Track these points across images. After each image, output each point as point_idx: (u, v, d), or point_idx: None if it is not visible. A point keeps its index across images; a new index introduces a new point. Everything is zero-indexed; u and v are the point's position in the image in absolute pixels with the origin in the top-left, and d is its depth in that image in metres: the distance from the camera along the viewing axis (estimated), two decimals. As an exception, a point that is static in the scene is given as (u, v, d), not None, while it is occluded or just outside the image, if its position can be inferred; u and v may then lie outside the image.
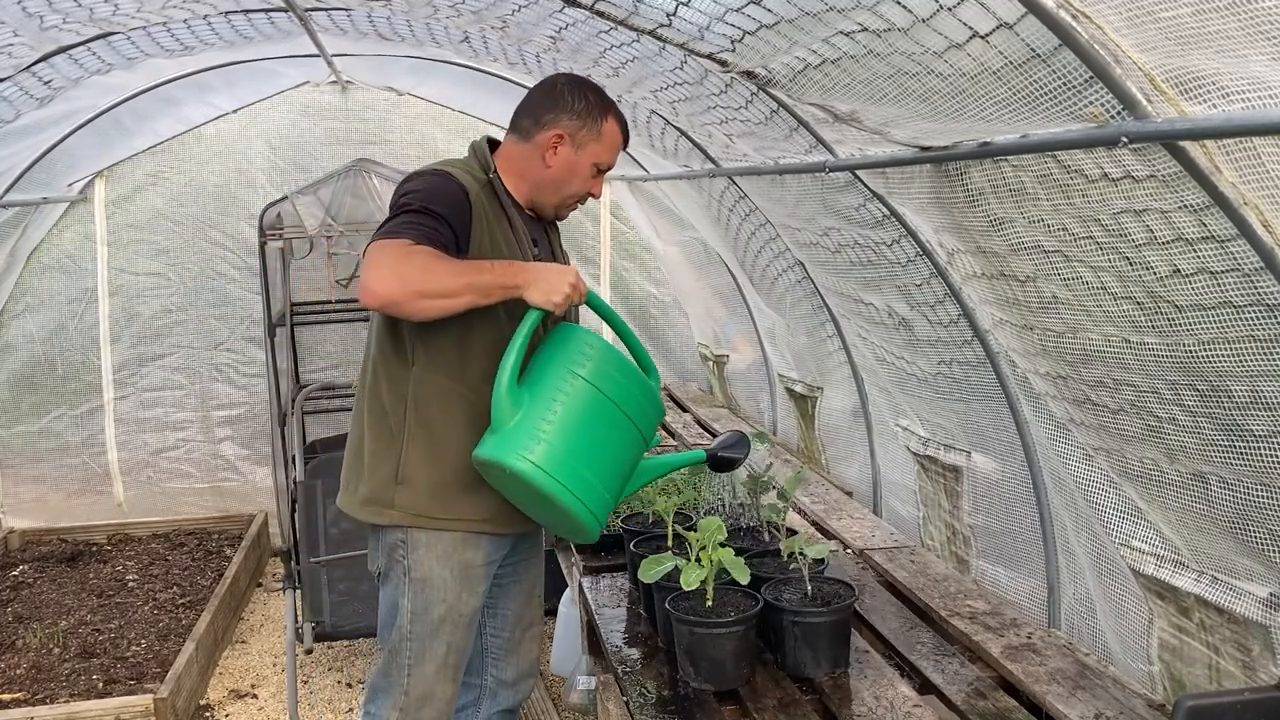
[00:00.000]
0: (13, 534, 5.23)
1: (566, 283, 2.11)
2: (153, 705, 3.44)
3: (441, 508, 2.23)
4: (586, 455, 2.08)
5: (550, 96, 2.28)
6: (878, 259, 2.92)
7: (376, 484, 2.25)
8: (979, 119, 1.82)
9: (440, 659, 2.30)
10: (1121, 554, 2.29)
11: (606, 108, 2.30)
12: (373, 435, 2.28)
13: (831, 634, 2.26)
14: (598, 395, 2.10)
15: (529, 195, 2.34)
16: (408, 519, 2.23)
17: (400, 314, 2.05)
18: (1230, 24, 1.24)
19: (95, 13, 2.72)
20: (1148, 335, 1.80)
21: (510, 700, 2.58)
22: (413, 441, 2.22)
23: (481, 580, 2.32)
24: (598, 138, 2.28)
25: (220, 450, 5.50)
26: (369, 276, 1.97)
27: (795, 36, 1.98)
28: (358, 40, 3.79)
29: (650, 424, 2.21)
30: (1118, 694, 2.15)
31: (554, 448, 2.04)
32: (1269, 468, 1.71)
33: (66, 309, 5.20)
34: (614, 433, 2.14)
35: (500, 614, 2.52)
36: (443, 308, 2.02)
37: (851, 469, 4.02)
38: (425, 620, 2.27)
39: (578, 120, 2.26)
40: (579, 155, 2.28)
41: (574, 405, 2.09)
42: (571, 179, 2.32)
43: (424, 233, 2.03)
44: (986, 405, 2.77)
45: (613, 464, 2.15)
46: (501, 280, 2.07)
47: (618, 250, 5.79)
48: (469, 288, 2.03)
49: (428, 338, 2.20)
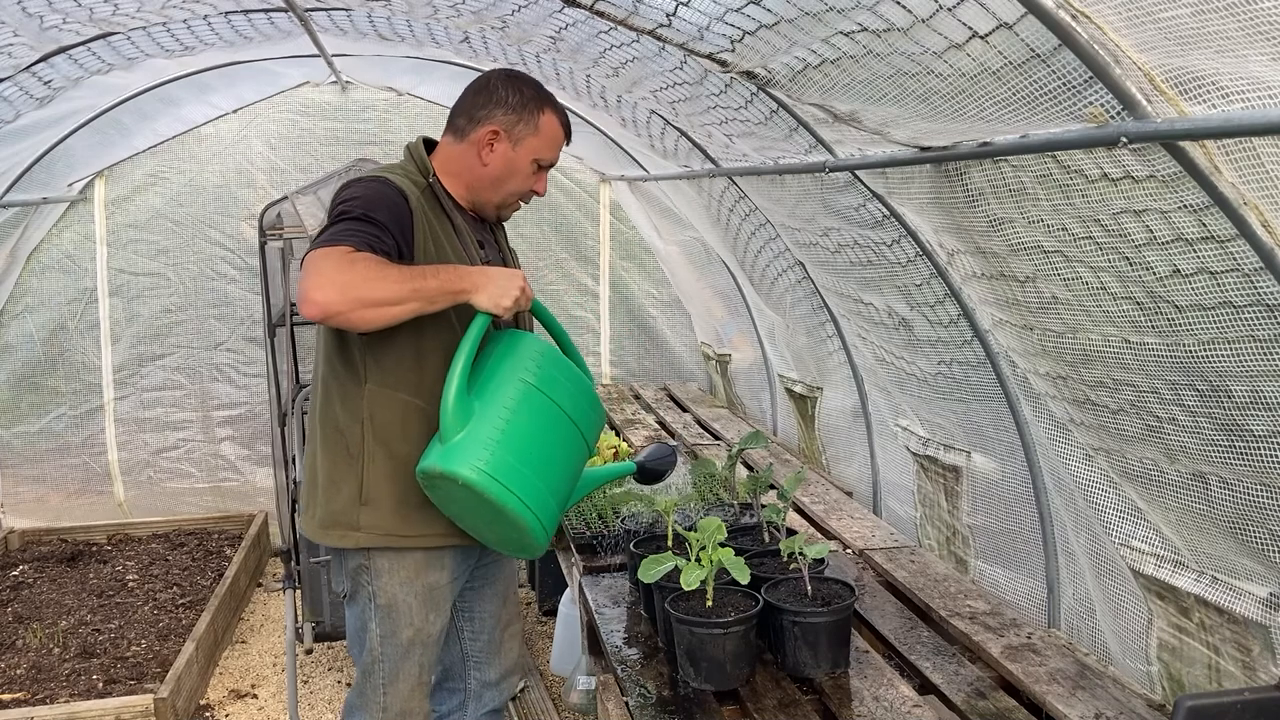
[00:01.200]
0: (13, 534, 5.23)
1: (515, 286, 2.03)
2: (153, 705, 3.44)
3: (407, 525, 2.17)
4: (536, 463, 2.02)
5: (484, 93, 2.20)
6: (878, 259, 2.92)
7: (338, 506, 2.18)
8: (979, 119, 1.82)
9: (414, 678, 2.29)
10: (1121, 554, 2.29)
11: (543, 101, 2.22)
12: (329, 456, 2.20)
13: (831, 634, 2.26)
14: (546, 402, 2.06)
15: (469, 196, 2.26)
16: (374, 539, 2.17)
17: (343, 324, 1.95)
18: (1230, 24, 1.24)
19: (95, 13, 2.72)
20: (1148, 335, 1.80)
21: (496, 700, 2.56)
22: (373, 461, 2.15)
23: (448, 599, 2.29)
24: (535, 132, 2.19)
25: (220, 450, 5.50)
26: (308, 285, 1.87)
27: (795, 36, 1.98)
28: (358, 40, 3.79)
29: (594, 430, 2.16)
30: (1118, 694, 2.15)
31: (504, 456, 1.98)
32: (1269, 468, 1.71)
33: (66, 309, 5.20)
34: (562, 440, 2.09)
35: (477, 617, 2.49)
36: (387, 316, 1.93)
37: (851, 469, 4.02)
38: (394, 643, 2.24)
39: (513, 115, 2.18)
40: (516, 151, 2.20)
41: (523, 413, 2.03)
42: (510, 176, 2.23)
43: (365, 240, 1.95)
44: (986, 405, 2.77)
45: (561, 472, 2.10)
46: (448, 286, 1.99)
47: (618, 250, 5.79)
48: (414, 294, 1.94)
49: (379, 351, 2.12)
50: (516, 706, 3.67)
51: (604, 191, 5.72)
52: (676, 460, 2.36)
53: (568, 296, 5.77)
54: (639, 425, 4.74)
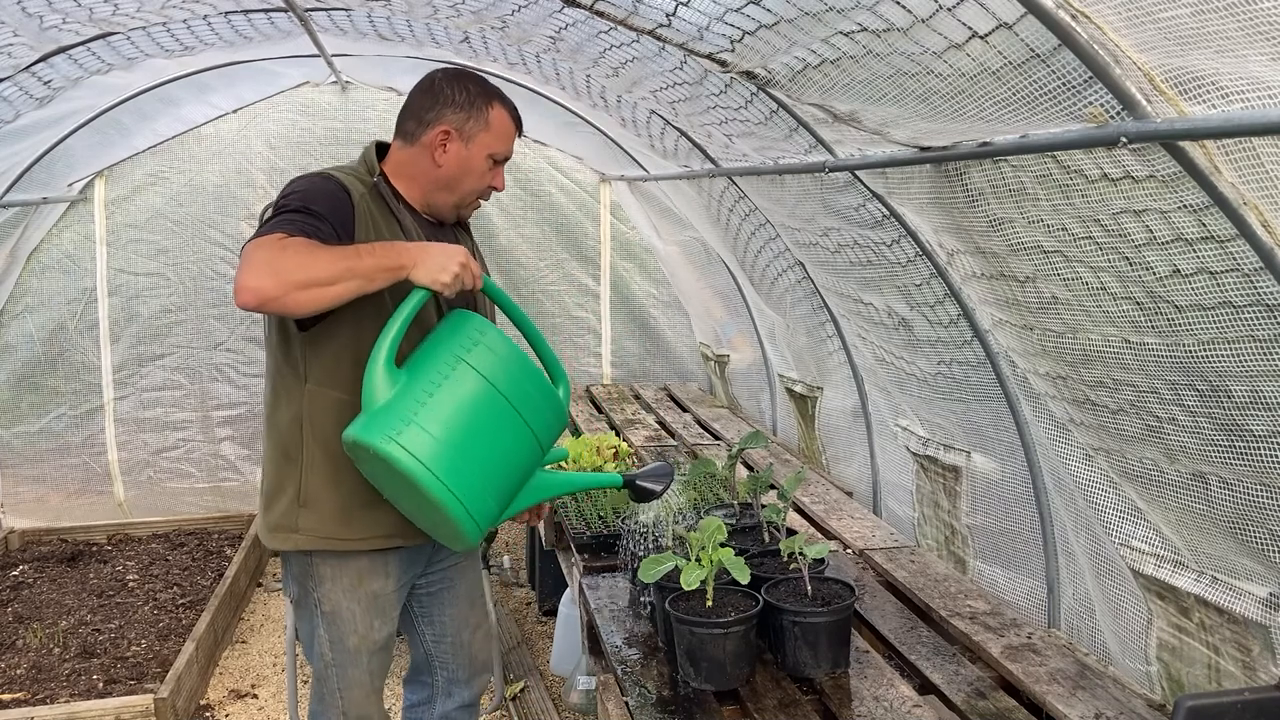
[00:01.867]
0: (13, 534, 5.23)
1: (455, 261, 1.96)
2: (153, 705, 3.44)
3: (344, 528, 2.13)
4: (462, 445, 1.89)
5: (429, 94, 2.17)
6: (877, 259, 2.92)
7: (281, 509, 2.15)
8: (978, 119, 1.82)
9: (365, 684, 2.28)
10: (1121, 554, 2.29)
11: (491, 95, 2.19)
12: (272, 456, 2.18)
13: (831, 634, 2.26)
14: (483, 384, 1.93)
15: (424, 198, 2.22)
16: (313, 542, 2.14)
17: (280, 310, 1.89)
18: (1229, 24, 1.24)
19: (95, 13, 2.72)
20: (1147, 335, 1.80)
21: (466, 696, 2.54)
22: (312, 462, 2.12)
23: (394, 605, 2.27)
24: (486, 127, 2.16)
25: (220, 450, 5.50)
26: (240, 275, 1.83)
27: (795, 36, 1.98)
28: (358, 40, 3.79)
29: (548, 429, 2.03)
30: (1118, 694, 2.15)
31: (425, 432, 1.86)
32: (1269, 468, 1.71)
33: (66, 309, 5.20)
34: (500, 428, 1.94)
35: (438, 622, 2.46)
36: (323, 298, 1.87)
37: (851, 469, 4.02)
38: (342, 649, 2.23)
39: (462, 113, 2.15)
40: (470, 149, 2.16)
41: (454, 391, 1.91)
42: (466, 175, 2.19)
43: (298, 227, 1.91)
44: (986, 405, 2.77)
45: (496, 462, 1.95)
46: (384, 262, 1.91)
47: (618, 250, 5.80)
48: (349, 272, 1.87)
49: (319, 350, 2.09)
50: (516, 706, 3.67)
51: (604, 191, 5.72)
52: (671, 480, 2.24)
53: (568, 297, 5.77)
54: (639, 425, 4.74)
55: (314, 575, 2.18)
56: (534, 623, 4.47)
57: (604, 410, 5.10)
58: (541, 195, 5.66)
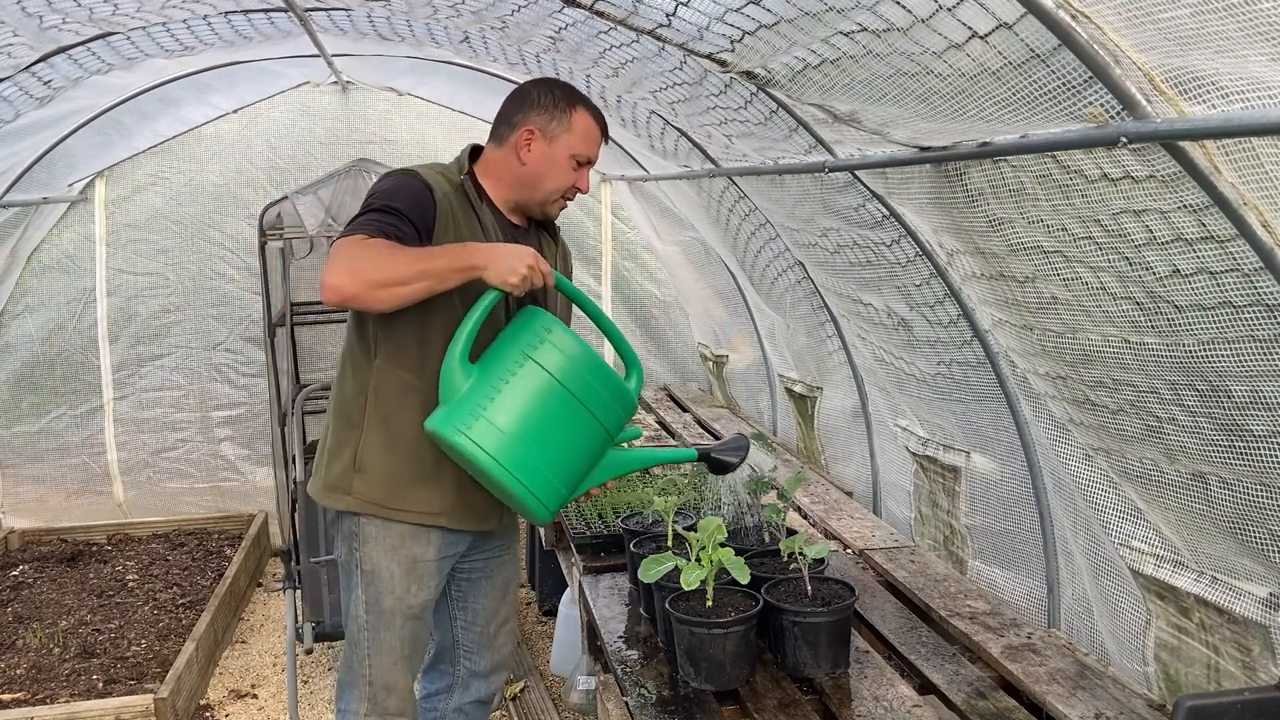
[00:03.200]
0: (13, 534, 5.23)
1: (524, 263, 2.08)
2: (153, 705, 3.44)
3: (394, 498, 2.26)
4: (527, 436, 2.05)
5: (519, 99, 2.33)
6: (877, 259, 2.92)
7: (337, 471, 2.30)
8: (978, 119, 1.82)
9: (395, 651, 2.34)
10: (1121, 554, 2.29)
11: (574, 99, 2.32)
12: (336, 424, 2.34)
13: (831, 634, 2.26)
14: (548, 379, 2.08)
15: (511, 197, 2.36)
16: (362, 505, 2.27)
17: (360, 306, 2.07)
18: (1229, 24, 1.24)
19: (95, 13, 2.72)
20: (1147, 335, 1.80)
21: (483, 691, 2.62)
22: (371, 431, 2.27)
23: (433, 575, 2.35)
24: (568, 129, 2.29)
25: (220, 450, 5.50)
26: (325, 273, 2.01)
27: (795, 36, 1.98)
28: (358, 40, 3.79)
29: (613, 416, 2.17)
30: (1118, 694, 2.15)
31: (493, 425, 2.03)
32: (1269, 468, 1.71)
33: (65, 309, 5.20)
34: (564, 419, 2.10)
35: (471, 608, 2.55)
36: (400, 295, 2.04)
37: (850, 469, 4.02)
38: (376, 611, 2.32)
39: (545, 114, 2.29)
40: (552, 148, 2.29)
41: (521, 386, 2.07)
42: (549, 172, 2.31)
43: (379, 227, 2.06)
44: (986, 405, 2.77)
45: (561, 450, 2.10)
46: (456, 263, 2.07)
47: (619, 250, 5.80)
48: (423, 274, 2.03)
49: (389, 332, 2.24)
50: (517, 706, 3.67)
51: (605, 191, 5.72)
52: (747, 452, 2.36)
53: (569, 296, 5.77)
54: (638, 425, 4.74)
55: (360, 534, 2.30)
56: (534, 623, 4.47)
57: (604, 410, 5.09)
58: (542, 195, 5.66)
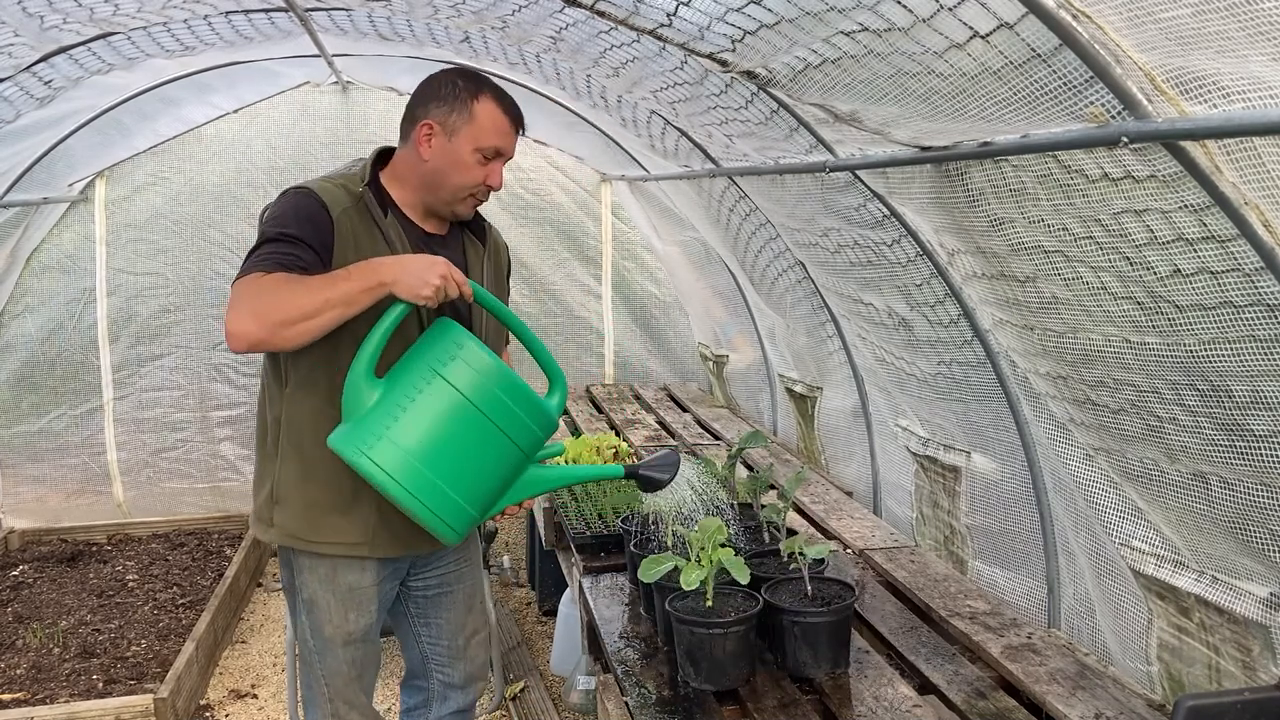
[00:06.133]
0: (13, 534, 5.23)
1: (436, 273, 1.95)
2: (153, 705, 3.44)
3: (312, 530, 2.18)
4: (432, 457, 1.94)
5: (420, 93, 2.19)
6: (878, 259, 2.92)
7: (259, 502, 2.25)
8: (979, 119, 1.82)
9: (345, 673, 2.29)
10: (1122, 554, 2.29)
11: (478, 88, 2.16)
12: (258, 454, 2.27)
13: (831, 634, 2.26)
14: (457, 396, 1.96)
15: (418, 197, 2.22)
16: (283, 538, 2.21)
17: (272, 349, 2.00)
18: (1230, 24, 1.24)
19: (95, 13, 2.72)
20: (1148, 335, 1.80)
21: (462, 701, 2.54)
22: (285, 461, 2.18)
23: (372, 600, 2.27)
24: (469, 120, 2.13)
25: (220, 450, 5.50)
26: (228, 320, 1.90)
27: (795, 36, 1.98)
28: (358, 40, 3.79)
29: (529, 437, 2.05)
30: (1118, 694, 2.15)
31: (395, 445, 1.92)
32: (1269, 468, 1.71)
33: (65, 309, 5.20)
34: (474, 439, 1.98)
35: (434, 624, 2.46)
36: (309, 330, 1.93)
37: (851, 469, 4.02)
38: (320, 638, 2.26)
39: (445, 106, 2.14)
40: (453, 142, 2.14)
41: (427, 404, 1.95)
42: (452, 169, 2.16)
43: (277, 260, 1.96)
44: (986, 405, 2.77)
45: (469, 471, 1.98)
46: (362, 283, 1.94)
47: (619, 250, 5.80)
48: (330, 303, 1.92)
49: (297, 358, 2.14)
50: (517, 706, 3.67)
51: (605, 191, 5.72)
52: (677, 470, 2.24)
53: (570, 297, 5.78)
54: (639, 425, 4.74)
55: (295, 564, 2.26)
56: (534, 623, 4.47)
57: (604, 410, 5.10)
58: (543, 195, 5.66)
